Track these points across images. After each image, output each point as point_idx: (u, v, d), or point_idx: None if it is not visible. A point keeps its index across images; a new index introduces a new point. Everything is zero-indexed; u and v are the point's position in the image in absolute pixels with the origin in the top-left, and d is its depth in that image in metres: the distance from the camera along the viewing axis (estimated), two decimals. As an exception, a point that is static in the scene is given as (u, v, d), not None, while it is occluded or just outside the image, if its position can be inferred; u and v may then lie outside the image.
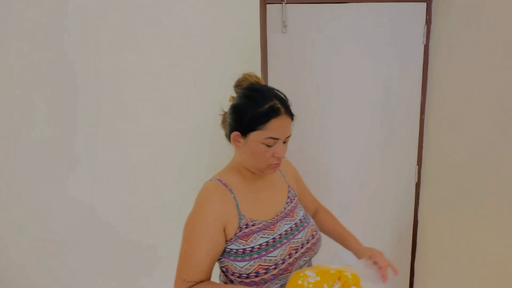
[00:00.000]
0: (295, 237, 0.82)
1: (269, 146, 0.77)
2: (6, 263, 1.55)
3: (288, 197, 0.91)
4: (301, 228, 0.85)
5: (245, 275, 0.75)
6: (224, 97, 1.42)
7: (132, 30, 1.36)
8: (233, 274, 0.77)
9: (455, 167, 1.35)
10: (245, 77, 0.87)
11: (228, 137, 0.85)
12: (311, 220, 0.90)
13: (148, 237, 1.52)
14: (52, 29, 1.36)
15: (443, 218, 1.43)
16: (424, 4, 1.45)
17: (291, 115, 0.81)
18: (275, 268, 0.76)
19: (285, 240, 0.81)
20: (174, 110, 1.43)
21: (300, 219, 0.87)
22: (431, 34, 1.46)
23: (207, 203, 0.79)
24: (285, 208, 0.87)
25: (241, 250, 0.76)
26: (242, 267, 0.75)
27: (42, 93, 1.40)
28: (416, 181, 1.59)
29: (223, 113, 0.91)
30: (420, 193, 1.59)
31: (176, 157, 1.47)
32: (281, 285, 0.80)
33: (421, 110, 1.53)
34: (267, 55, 1.45)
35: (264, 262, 0.76)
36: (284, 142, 0.81)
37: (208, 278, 0.77)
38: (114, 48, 1.38)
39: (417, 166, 1.58)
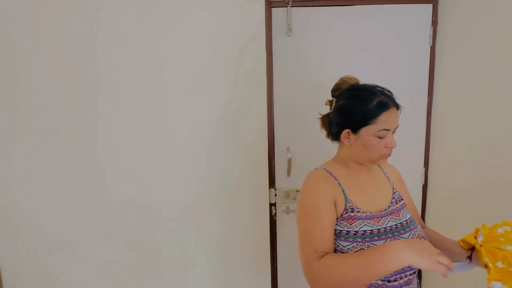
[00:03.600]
0: (401, 235, 0.83)
1: (381, 138, 0.83)
2: (9, 265, 1.57)
3: (393, 198, 0.91)
4: (408, 229, 0.84)
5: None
6: (231, 99, 1.45)
7: (138, 35, 1.39)
8: (336, 251, 0.82)
9: (462, 169, 1.34)
10: (344, 80, 0.94)
11: (335, 135, 0.92)
12: (418, 226, 0.89)
13: (152, 239, 1.54)
14: (73, 31, 1.39)
15: (451, 221, 1.42)
16: (430, 6, 1.44)
17: (397, 106, 0.87)
18: None
19: (390, 235, 0.82)
20: (180, 113, 1.45)
21: (406, 221, 0.86)
22: (438, 35, 1.45)
23: (317, 182, 0.86)
24: (389, 207, 0.88)
25: (345, 231, 0.81)
26: (344, 246, 0.80)
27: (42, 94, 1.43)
28: (423, 183, 1.58)
29: (320, 116, 0.99)
30: (427, 195, 1.58)
31: (185, 158, 1.48)
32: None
33: (427, 112, 1.52)
34: (272, 58, 1.46)
35: (367, 248, 0.78)
36: (393, 133, 0.86)
37: (333, 250, 0.81)
38: (122, 54, 1.40)
39: (424, 168, 1.57)
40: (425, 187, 1.58)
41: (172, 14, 1.38)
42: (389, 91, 0.87)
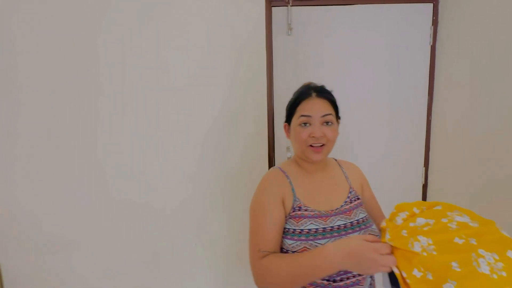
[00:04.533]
0: (348, 234, 0.82)
1: (304, 126, 0.85)
2: (20, 262, 1.58)
3: (348, 197, 0.90)
4: (357, 229, 0.84)
5: (290, 252, 0.80)
6: (230, 98, 1.45)
7: (139, 34, 1.38)
8: (281, 249, 0.83)
9: (462, 169, 1.33)
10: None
11: None
12: (374, 226, 0.88)
13: (152, 239, 1.54)
14: (75, 32, 1.39)
15: (451, 221, 1.42)
16: (430, 5, 1.44)
17: (328, 99, 0.87)
18: None
19: (336, 234, 0.81)
20: (180, 113, 1.44)
21: (357, 220, 0.85)
22: (438, 35, 1.45)
23: (268, 182, 0.89)
24: (341, 206, 0.87)
25: (292, 230, 0.82)
26: (290, 245, 0.81)
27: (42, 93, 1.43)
28: (423, 183, 1.58)
29: None
30: (427, 195, 1.58)
31: (185, 158, 1.48)
32: None
33: (427, 112, 1.52)
34: (272, 57, 1.46)
35: (310, 246, 0.79)
36: (328, 125, 0.85)
37: (278, 249, 0.82)
38: (122, 54, 1.40)
39: (424, 168, 1.57)
40: (425, 187, 1.58)
41: (172, 13, 1.37)
42: (319, 86, 0.90)
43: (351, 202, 0.89)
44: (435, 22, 1.45)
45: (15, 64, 1.41)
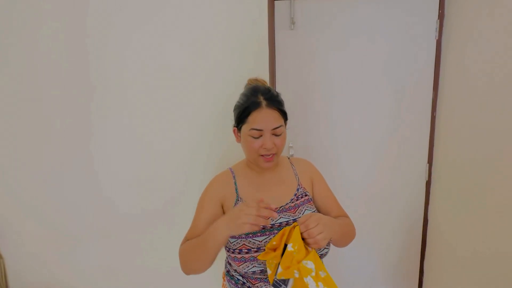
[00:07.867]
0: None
1: (255, 137, 0.83)
2: (24, 257, 1.59)
3: (295, 195, 0.92)
4: None
5: (231, 249, 0.84)
6: (232, 94, 1.43)
7: (141, 29, 1.37)
8: (225, 247, 0.88)
9: (466, 166, 1.32)
10: (248, 82, 0.98)
11: None
12: None
13: (160, 232, 1.55)
14: (69, 31, 1.38)
15: (454, 217, 1.41)
16: (437, -2, 1.41)
17: (278, 109, 0.85)
18: (256, 251, 0.82)
19: (276, 231, 0.84)
20: (182, 107, 1.43)
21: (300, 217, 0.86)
22: (444, 29, 1.42)
23: (211, 183, 0.93)
24: (286, 204, 0.89)
25: None
26: (231, 243, 0.85)
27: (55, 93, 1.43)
28: (427, 179, 1.56)
29: None
30: (431, 191, 1.57)
31: (184, 153, 1.47)
32: (261, 271, 0.82)
33: (432, 107, 1.50)
34: (275, 52, 1.44)
35: (249, 243, 0.83)
36: (278, 135, 0.85)
37: None
38: (123, 49, 1.39)
39: (427, 164, 1.55)
40: (428, 184, 1.56)
41: (173, 7, 1.35)
42: (271, 92, 0.86)
43: (297, 200, 0.91)
44: (441, 16, 1.41)
45: (10, 63, 1.40)
